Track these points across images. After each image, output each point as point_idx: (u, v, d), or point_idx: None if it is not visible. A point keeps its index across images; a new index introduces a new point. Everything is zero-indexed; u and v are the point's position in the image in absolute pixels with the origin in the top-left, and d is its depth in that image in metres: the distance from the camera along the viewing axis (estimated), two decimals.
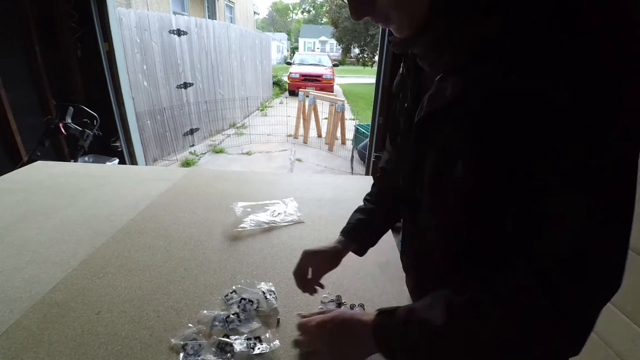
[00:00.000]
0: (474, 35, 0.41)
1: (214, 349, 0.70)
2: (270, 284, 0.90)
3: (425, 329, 0.43)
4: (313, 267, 0.75)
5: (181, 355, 0.68)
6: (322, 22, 39.55)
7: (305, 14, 44.56)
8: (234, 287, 0.86)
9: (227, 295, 0.85)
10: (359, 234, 0.78)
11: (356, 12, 0.47)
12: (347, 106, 8.02)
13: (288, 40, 41.29)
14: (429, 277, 0.61)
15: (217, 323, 0.76)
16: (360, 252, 0.79)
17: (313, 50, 32.25)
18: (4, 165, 2.32)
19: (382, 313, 0.48)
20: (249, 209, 1.27)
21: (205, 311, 0.79)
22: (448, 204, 0.48)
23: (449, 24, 0.42)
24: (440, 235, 0.53)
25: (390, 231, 1.22)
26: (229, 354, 0.69)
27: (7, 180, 1.53)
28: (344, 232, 0.78)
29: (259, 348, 0.70)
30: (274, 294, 0.87)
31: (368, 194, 0.85)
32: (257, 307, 0.81)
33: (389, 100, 2.99)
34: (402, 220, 0.69)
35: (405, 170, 0.60)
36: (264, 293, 0.85)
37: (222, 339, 0.71)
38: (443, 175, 0.48)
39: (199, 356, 0.68)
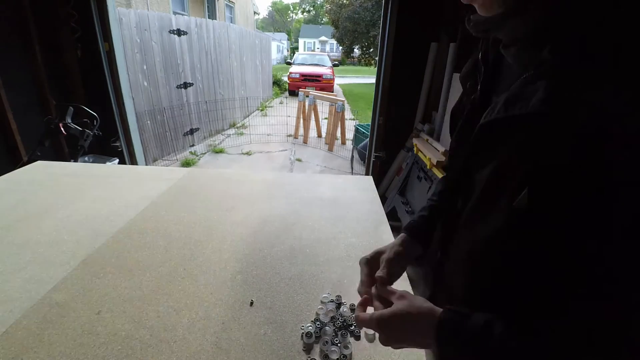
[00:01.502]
0: (592, 30, 0.32)
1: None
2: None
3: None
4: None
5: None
6: (322, 22, 39.54)
7: (305, 14, 44.58)
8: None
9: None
10: (422, 232, 0.68)
11: None
12: (347, 106, 8.03)
13: (288, 40, 41.28)
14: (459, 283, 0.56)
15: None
16: (423, 255, 0.70)
17: (313, 50, 32.25)
18: (4, 165, 2.32)
19: (454, 312, 0.45)
20: None
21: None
22: (495, 223, 0.43)
23: (555, 5, 0.34)
24: (478, 244, 0.48)
25: (390, 230, 1.22)
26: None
27: (7, 180, 1.53)
28: (406, 229, 0.68)
29: None
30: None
31: (432, 194, 0.75)
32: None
33: (389, 100, 2.99)
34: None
35: (457, 165, 0.55)
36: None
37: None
38: (498, 190, 0.42)
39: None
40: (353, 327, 0.78)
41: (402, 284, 0.93)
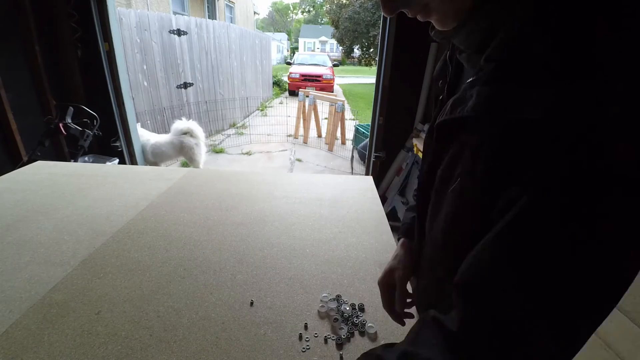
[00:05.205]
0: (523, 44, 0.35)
1: None
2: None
3: None
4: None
5: None
6: (322, 22, 39.54)
7: (305, 14, 44.62)
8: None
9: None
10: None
11: (388, 6, 0.43)
12: (347, 106, 8.03)
13: (288, 40, 41.26)
14: (430, 281, 0.58)
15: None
16: None
17: (313, 51, 32.23)
18: (4, 165, 2.32)
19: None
20: None
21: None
22: (442, 215, 0.47)
23: (493, 16, 0.38)
24: (434, 245, 0.51)
25: (390, 230, 1.22)
26: None
27: (7, 180, 1.53)
28: (403, 233, 0.73)
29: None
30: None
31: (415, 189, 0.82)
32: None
33: (389, 100, 2.99)
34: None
35: (424, 167, 0.58)
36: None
37: None
38: (447, 180, 0.46)
39: None
40: (357, 321, 0.78)
41: None
